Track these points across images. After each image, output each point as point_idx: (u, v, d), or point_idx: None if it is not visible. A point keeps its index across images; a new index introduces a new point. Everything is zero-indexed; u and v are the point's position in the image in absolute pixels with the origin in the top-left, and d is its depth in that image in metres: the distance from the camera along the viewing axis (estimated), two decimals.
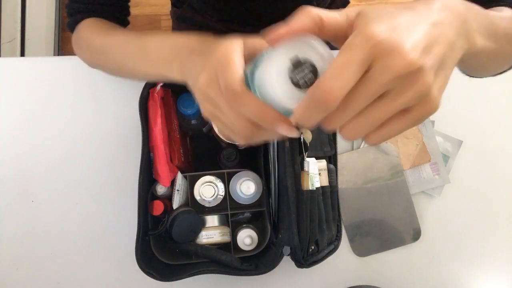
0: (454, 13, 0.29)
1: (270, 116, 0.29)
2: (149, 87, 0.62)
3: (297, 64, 0.27)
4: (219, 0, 0.81)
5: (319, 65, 0.27)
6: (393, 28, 0.25)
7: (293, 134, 0.30)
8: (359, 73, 0.24)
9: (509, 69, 0.47)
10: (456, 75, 0.77)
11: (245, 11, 0.83)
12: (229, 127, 0.35)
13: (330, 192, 0.66)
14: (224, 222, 0.66)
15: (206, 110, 0.37)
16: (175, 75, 0.43)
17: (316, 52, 0.28)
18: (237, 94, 0.30)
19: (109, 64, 0.59)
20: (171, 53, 0.44)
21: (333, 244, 0.66)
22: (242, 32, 0.88)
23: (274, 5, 0.80)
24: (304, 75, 0.27)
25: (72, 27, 0.63)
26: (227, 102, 0.32)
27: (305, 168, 0.62)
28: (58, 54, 1.63)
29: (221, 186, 0.64)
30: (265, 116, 0.30)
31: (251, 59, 0.33)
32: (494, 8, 0.48)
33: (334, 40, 0.31)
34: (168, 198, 0.65)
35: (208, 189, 0.63)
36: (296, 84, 0.27)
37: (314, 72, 0.27)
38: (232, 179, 0.65)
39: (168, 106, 0.65)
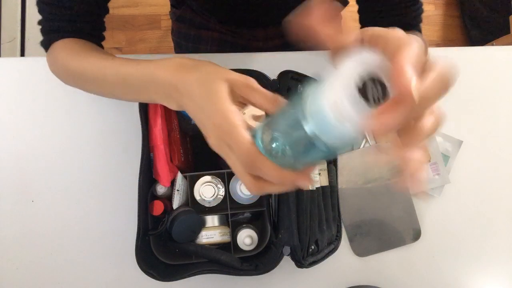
0: None
1: (289, 179, 0.34)
2: None
3: (364, 81, 0.26)
4: (216, 4, 0.81)
5: (383, 78, 0.27)
6: None
7: (309, 185, 0.34)
8: None
9: None
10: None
11: (241, 14, 0.83)
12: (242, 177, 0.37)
13: (330, 192, 0.66)
14: (224, 222, 0.66)
15: (220, 153, 0.38)
16: (173, 107, 0.43)
17: (375, 65, 0.27)
18: (253, 162, 0.34)
19: (87, 89, 0.59)
20: (158, 90, 0.43)
21: (333, 244, 0.66)
22: (240, 33, 0.89)
23: (271, 9, 0.80)
24: (373, 91, 0.26)
25: (46, 46, 0.61)
26: (244, 167, 0.35)
27: None
28: None
29: (221, 186, 0.64)
30: (284, 180, 0.34)
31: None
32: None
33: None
34: (168, 198, 0.65)
35: (208, 189, 0.63)
36: (367, 100, 0.26)
37: (382, 86, 0.27)
38: (232, 179, 0.65)
39: None
